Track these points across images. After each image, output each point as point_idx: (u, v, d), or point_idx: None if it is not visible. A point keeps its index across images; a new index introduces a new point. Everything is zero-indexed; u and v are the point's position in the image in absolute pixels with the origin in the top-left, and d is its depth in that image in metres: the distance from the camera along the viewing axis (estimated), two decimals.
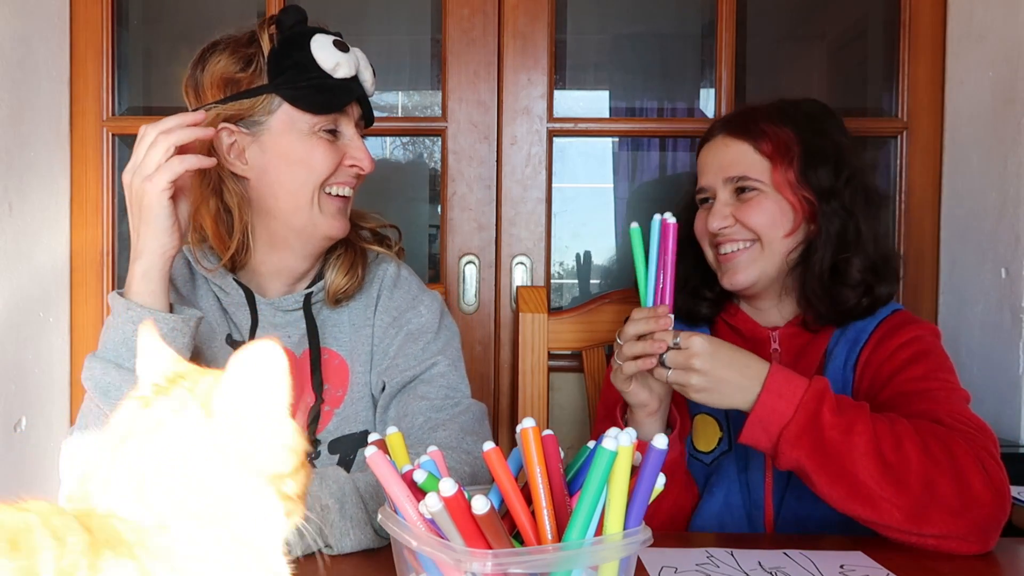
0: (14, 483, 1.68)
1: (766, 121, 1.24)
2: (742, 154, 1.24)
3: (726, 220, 1.23)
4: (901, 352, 1.17)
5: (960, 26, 1.80)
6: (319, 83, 1.13)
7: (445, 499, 0.64)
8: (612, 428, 0.68)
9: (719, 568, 0.93)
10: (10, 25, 1.65)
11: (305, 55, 1.12)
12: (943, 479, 0.99)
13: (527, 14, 1.85)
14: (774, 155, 1.22)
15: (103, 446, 0.53)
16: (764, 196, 1.22)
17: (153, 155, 1.03)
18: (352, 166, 1.17)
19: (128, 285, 1.07)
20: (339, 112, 1.15)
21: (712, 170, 1.26)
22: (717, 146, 1.27)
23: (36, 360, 1.75)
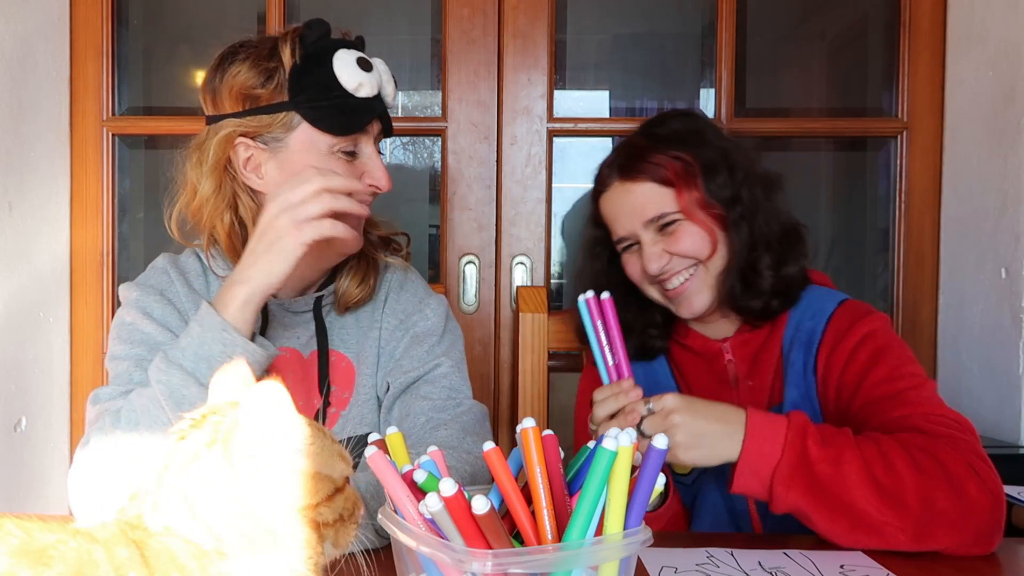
0: (14, 483, 1.68)
1: (654, 153, 1.23)
2: (648, 193, 1.22)
3: (662, 258, 1.21)
4: (859, 353, 1.16)
5: (960, 26, 1.80)
6: (341, 103, 1.10)
7: (445, 499, 0.64)
8: (612, 428, 0.68)
9: (719, 568, 0.93)
10: (10, 25, 1.65)
11: (327, 72, 1.10)
12: (940, 493, 0.97)
13: (527, 14, 1.85)
14: (676, 183, 1.20)
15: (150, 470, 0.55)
16: (684, 222, 1.21)
17: (311, 207, 1.03)
18: (370, 185, 1.16)
19: (225, 304, 1.04)
20: (360, 132, 1.14)
21: (626, 218, 1.24)
22: (619, 193, 1.24)
23: (36, 360, 1.75)
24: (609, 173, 1.26)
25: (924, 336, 1.86)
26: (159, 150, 2.00)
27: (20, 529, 0.47)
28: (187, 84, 1.99)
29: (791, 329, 1.24)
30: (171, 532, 0.52)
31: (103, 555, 0.48)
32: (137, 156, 1.95)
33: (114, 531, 0.50)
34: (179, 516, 0.52)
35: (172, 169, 1.21)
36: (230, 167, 1.14)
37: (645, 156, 1.22)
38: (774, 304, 1.23)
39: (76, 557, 0.47)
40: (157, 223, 1.96)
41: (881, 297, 1.92)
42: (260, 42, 1.14)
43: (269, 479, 0.53)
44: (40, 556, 0.46)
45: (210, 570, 0.51)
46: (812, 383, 1.21)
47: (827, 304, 1.23)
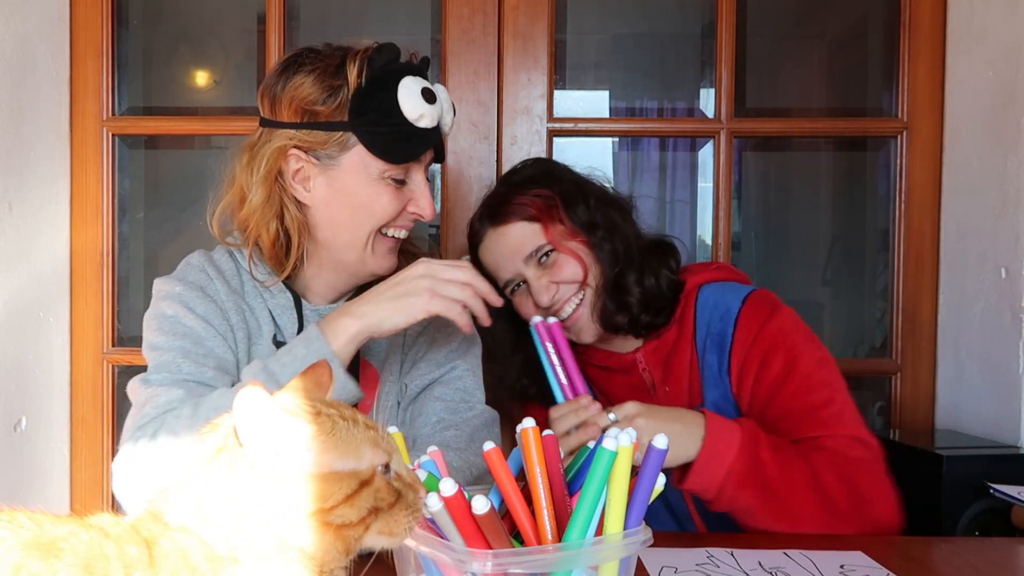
0: (14, 483, 1.68)
1: (516, 195, 1.29)
2: (520, 232, 1.27)
3: (551, 289, 1.25)
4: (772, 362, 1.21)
5: (960, 26, 1.80)
6: (399, 131, 1.11)
7: (445, 499, 0.64)
8: (612, 428, 0.68)
9: (719, 568, 0.93)
10: (10, 25, 1.65)
11: (390, 98, 1.10)
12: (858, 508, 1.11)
13: (527, 14, 1.85)
14: (541, 218, 1.26)
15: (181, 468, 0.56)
16: (556, 253, 1.27)
17: (453, 290, 1.06)
18: (414, 213, 1.17)
19: (335, 333, 1.06)
20: (413, 161, 1.14)
21: (506, 260, 1.28)
22: (494, 239, 1.29)
23: (36, 360, 1.75)
24: (480, 226, 1.32)
25: (924, 335, 1.86)
26: (159, 150, 2.00)
27: (32, 522, 0.48)
28: (187, 84, 1.99)
29: (702, 330, 1.29)
30: (189, 531, 0.52)
31: (114, 550, 0.48)
32: (137, 156, 1.95)
33: (126, 527, 0.51)
34: (193, 519, 0.53)
35: (220, 166, 1.21)
36: (280, 177, 1.14)
37: (509, 200, 1.29)
38: (643, 318, 1.27)
39: (87, 550, 0.47)
40: (157, 223, 1.97)
41: (881, 297, 1.92)
42: (328, 55, 1.13)
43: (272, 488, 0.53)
44: (51, 548, 0.46)
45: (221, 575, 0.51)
46: (728, 384, 1.25)
47: (732, 303, 1.27)
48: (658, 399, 1.29)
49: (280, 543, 0.53)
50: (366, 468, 0.56)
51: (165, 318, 1.15)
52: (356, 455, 0.56)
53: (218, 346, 1.13)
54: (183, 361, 1.10)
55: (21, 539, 0.46)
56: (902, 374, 1.86)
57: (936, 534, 1.42)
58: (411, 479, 0.60)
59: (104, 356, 1.86)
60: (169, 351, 1.11)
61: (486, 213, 1.31)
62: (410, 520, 0.58)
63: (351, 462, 0.55)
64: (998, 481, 1.39)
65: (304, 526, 0.53)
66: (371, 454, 0.57)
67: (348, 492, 0.54)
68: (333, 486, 0.54)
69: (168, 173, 2.01)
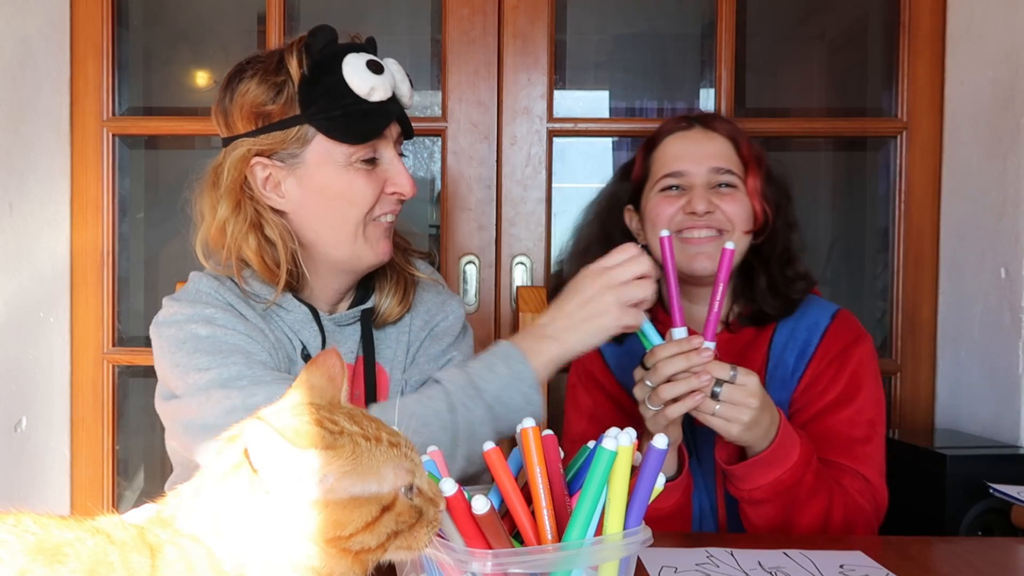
0: (14, 483, 1.68)
1: (736, 126, 1.32)
2: (726, 149, 1.29)
3: (709, 206, 1.24)
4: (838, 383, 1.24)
5: (960, 26, 1.80)
6: (354, 110, 1.06)
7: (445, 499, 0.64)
8: (612, 428, 0.68)
9: (719, 568, 0.93)
10: (10, 25, 1.65)
11: (337, 80, 1.05)
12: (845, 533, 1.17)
13: (527, 14, 1.85)
14: (750, 160, 1.28)
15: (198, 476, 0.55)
16: (740, 192, 1.27)
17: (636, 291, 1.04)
18: (394, 193, 1.12)
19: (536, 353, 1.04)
20: (377, 138, 1.09)
21: (693, 157, 1.28)
22: (697, 137, 1.30)
23: (36, 360, 1.75)
24: (688, 122, 1.32)
25: (924, 336, 1.86)
26: (159, 150, 2.01)
27: (38, 526, 0.47)
28: (187, 84, 1.99)
29: (784, 335, 1.30)
30: (199, 541, 0.51)
31: (118, 557, 0.47)
32: (137, 156, 1.95)
33: (133, 533, 0.50)
34: (207, 530, 0.51)
35: (190, 194, 1.16)
36: (247, 187, 1.09)
37: (730, 122, 1.32)
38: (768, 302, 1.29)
39: (91, 556, 0.47)
40: (157, 223, 1.97)
41: (881, 297, 1.92)
42: (267, 56, 1.10)
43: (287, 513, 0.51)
44: (55, 553, 0.46)
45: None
46: (793, 388, 1.27)
47: (821, 317, 1.30)
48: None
49: (292, 564, 0.51)
50: (388, 492, 0.53)
51: (201, 340, 1.05)
52: (378, 479, 0.53)
53: (269, 360, 1.06)
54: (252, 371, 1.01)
55: (26, 544, 0.46)
56: (902, 374, 1.86)
57: (939, 534, 1.42)
58: (432, 492, 0.58)
59: (104, 356, 1.86)
60: (228, 367, 1.02)
61: (701, 115, 1.33)
62: (430, 535, 0.57)
63: (372, 486, 0.53)
64: (999, 481, 1.39)
65: (320, 552, 0.51)
66: (393, 476, 0.54)
67: (368, 520, 0.52)
68: (352, 513, 0.51)
69: (168, 173, 2.01)
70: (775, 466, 1.11)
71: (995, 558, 1.01)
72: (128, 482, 1.95)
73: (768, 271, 1.29)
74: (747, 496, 1.14)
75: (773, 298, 1.28)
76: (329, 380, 0.60)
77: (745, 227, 1.26)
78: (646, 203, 1.31)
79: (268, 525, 0.51)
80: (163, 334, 1.08)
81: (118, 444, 1.88)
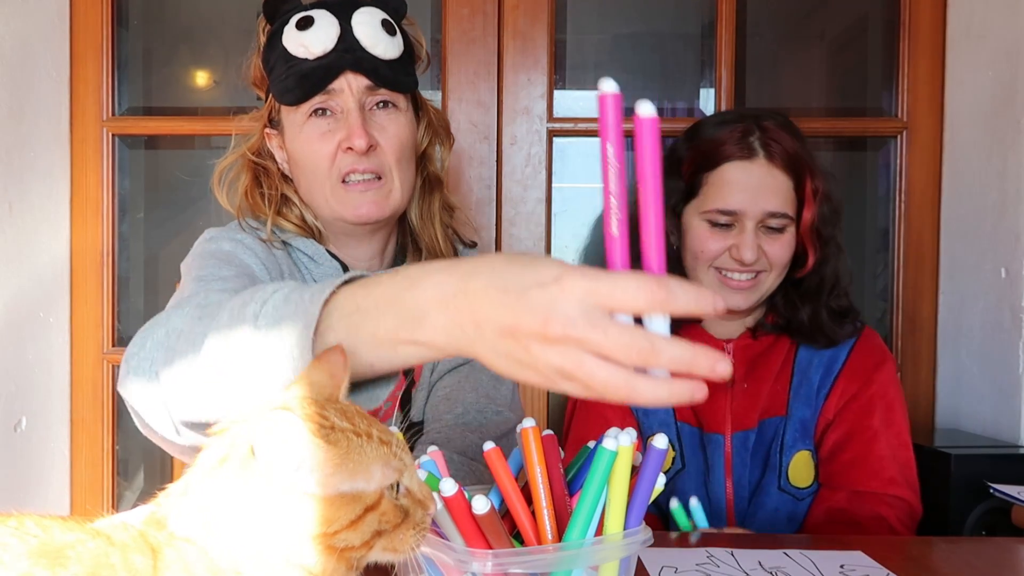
0: (14, 483, 1.68)
1: (802, 157, 1.24)
2: (786, 187, 1.23)
3: (757, 254, 1.21)
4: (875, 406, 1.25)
5: (960, 26, 1.80)
6: (296, 71, 1.05)
7: (445, 499, 0.64)
8: (612, 428, 0.68)
9: (719, 568, 0.93)
10: (10, 25, 1.65)
11: (281, 45, 1.08)
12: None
13: (527, 14, 1.85)
14: (808, 198, 1.23)
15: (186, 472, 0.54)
16: (788, 234, 1.24)
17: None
18: (348, 148, 1.06)
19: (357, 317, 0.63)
20: (321, 94, 1.06)
21: (752, 194, 1.21)
22: (760, 169, 1.22)
23: (36, 360, 1.75)
24: (752, 145, 1.23)
25: (924, 336, 1.86)
26: (159, 150, 2.00)
27: (40, 528, 0.47)
28: (187, 84, 1.99)
29: (809, 352, 1.29)
30: (193, 542, 0.51)
31: (119, 559, 0.48)
32: (137, 156, 1.95)
33: (133, 535, 0.50)
34: (197, 529, 0.51)
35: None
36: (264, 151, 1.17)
37: (796, 154, 1.23)
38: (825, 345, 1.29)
39: (92, 558, 0.47)
40: (157, 223, 1.97)
41: (881, 297, 1.92)
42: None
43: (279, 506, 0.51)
44: (57, 556, 0.46)
45: None
46: (820, 406, 1.27)
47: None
48: (735, 393, 1.28)
49: (285, 560, 0.51)
50: (373, 491, 0.53)
51: (220, 251, 1.06)
52: (365, 476, 0.53)
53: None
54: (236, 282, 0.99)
55: (28, 547, 0.46)
56: (902, 374, 1.86)
57: (943, 533, 1.42)
58: (422, 494, 0.57)
59: (104, 356, 1.86)
60: (221, 269, 1.01)
61: (764, 138, 1.23)
62: (416, 538, 0.56)
63: (360, 483, 0.52)
64: (1000, 480, 1.39)
65: (308, 547, 0.51)
66: (380, 475, 0.53)
67: (352, 518, 0.52)
68: (339, 510, 0.51)
69: (168, 173, 2.01)
70: None
71: (995, 558, 1.01)
72: (128, 482, 1.95)
73: (814, 304, 1.27)
74: None
75: (818, 335, 1.27)
76: (330, 376, 0.58)
77: (783, 271, 1.25)
78: (688, 219, 1.27)
79: (260, 520, 0.51)
80: (191, 253, 1.11)
81: (118, 444, 1.88)
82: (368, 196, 1.09)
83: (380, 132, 1.08)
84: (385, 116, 1.09)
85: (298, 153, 1.11)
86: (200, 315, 0.74)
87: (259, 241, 1.11)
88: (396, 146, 1.09)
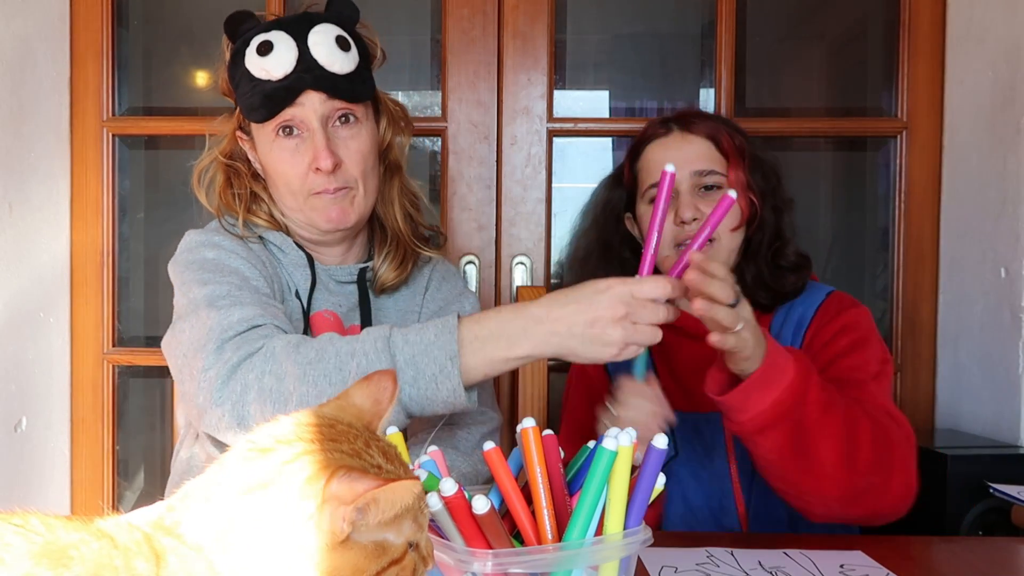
0: (14, 483, 1.68)
1: (716, 122, 1.31)
2: (706, 149, 1.28)
3: (696, 212, 1.24)
4: (840, 339, 1.22)
5: (960, 26, 1.80)
6: (259, 90, 1.12)
7: (445, 499, 0.64)
8: (612, 428, 0.68)
9: (719, 568, 0.93)
10: (10, 25, 1.65)
11: (244, 66, 1.13)
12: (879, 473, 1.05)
13: (527, 14, 1.85)
14: (731, 155, 1.28)
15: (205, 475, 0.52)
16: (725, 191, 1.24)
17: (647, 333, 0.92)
18: (317, 169, 1.13)
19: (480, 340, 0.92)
20: (286, 110, 1.11)
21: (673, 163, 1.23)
22: (676, 140, 1.29)
23: (36, 360, 1.75)
24: (666, 126, 1.31)
25: (924, 335, 1.86)
26: (159, 150, 2.00)
27: (44, 526, 0.47)
28: (187, 84, 1.99)
29: (782, 313, 1.31)
30: (202, 551, 0.49)
31: (122, 562, 0.47)
32: (137, 156, 1.95)
33: (138, 538, 0.49)
34: (213, 542, 0.49)
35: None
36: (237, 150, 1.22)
37: (708, 120, 1.30)
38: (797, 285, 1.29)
39: (95, 560, 0.46)
40: (157, 223, 1.97)
41: (881, 296, 1.92)
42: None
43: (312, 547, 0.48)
44: (60, 557, 0.45)
45: None
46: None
47: (817, 295, 1.31)
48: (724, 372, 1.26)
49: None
50: (400, 544, 0.51)
51: (207, 261, 1.12)
52: (398, 528, 0.51)
53: (263, 287, 1.11)
54: (240, 293, 1.05)
55: (31, 547, 0.45)
56: (902, 374, 1.86)
57: (940, 534, 1.42)
58: (427, 552, 0.55)
59: (104, 356, 1.86)
60: (221, 284, 1.07)
61: (679, 117, 1.31)
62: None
63: (391, 535, 0.50)
64: (1000, 480, 1.39)
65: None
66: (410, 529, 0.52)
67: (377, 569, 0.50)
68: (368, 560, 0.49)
69: (168, 173, 2.01)
70: (772, 386, 1.00)
71: (995, 558, 1.01)
72: (128, 482, 1.95)
73: (756, 263, 1.28)
74: (749, 427, 1.03)
75: (763, 291, 1.28)
76: (374, 403, 0.57)
77: (731, 226, 1.26)
78: (640, 212, 1.33)
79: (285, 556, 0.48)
80: (177, 260, 1.16)
81: (118, 444, 1.88)
82: (336, 203, 1.16)
83: (344, 149, 1.15)
84: (347, 132, 1.15)
85: (271, 168, 1.18)
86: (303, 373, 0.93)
87: (236, 239, 1.17)
88: (359, 160, 1.16)
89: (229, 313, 1.01)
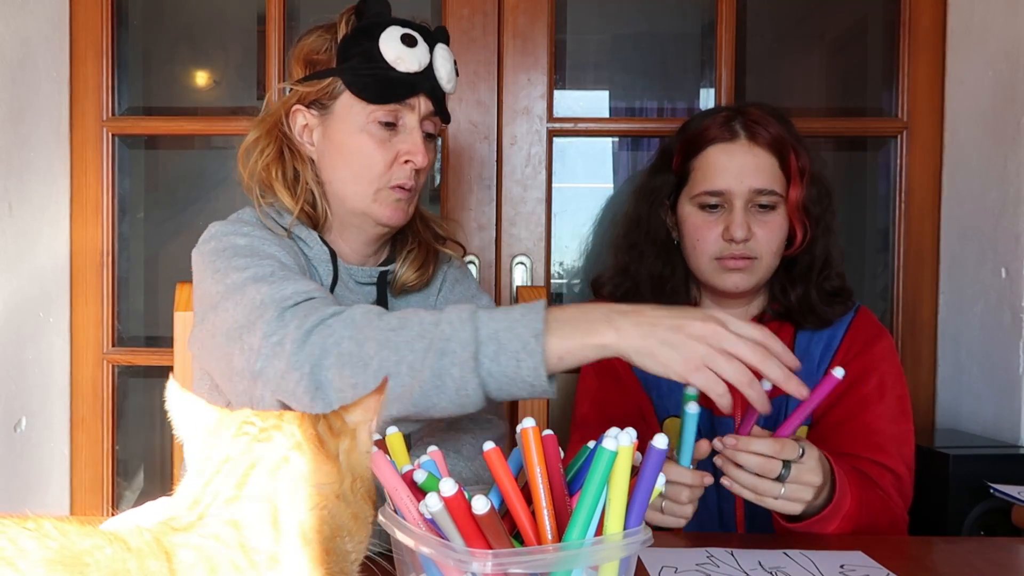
0: (14, 483, 1.68)
1: (783, 131, 1.25)
2: (770, 166, 1.23)
3: (747, 233, 1.22)
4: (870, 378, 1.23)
5: (960, 26, 1.80)
6: (382, 74, 1.13)
7: (445, 499, 0.64)
8: (612, 428, 0.68)
9: (719, 568, 0.93)
10: (10, 25, 1.65)
11: (373, 44, 1.13)
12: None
13: (527, 14, 1.85)
14: (795, 176, 1.24)
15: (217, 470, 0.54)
16: (778, 214, 1.24)
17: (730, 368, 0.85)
18: (406, 161, 1.16)
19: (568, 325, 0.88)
20: (398, 103, 1.15)
21: (738, 174, 1.22)
22: (740, 150, 1.23)
23: (36, 360, 1.75)
24: (732, 128, 1.24)
25: (924, 336, 1.86)
26: (159, 150, 2.01)
27: (58, 531, 0.47)
28: (187, 84, 1.99)
29: (807, 332, 1.30)
30: (220, 539, 0.51)
31: (135, 564, 0.47)
32: (137, 156, 1.95)
33: (148, 539, 0.50)
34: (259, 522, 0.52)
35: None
36: (285, 125, 1.19)
37: (775, 126, 1.25)
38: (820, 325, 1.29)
39: (110, 565, 0.46)
40: (157, 223, 1.97)
41: (881, 297, 1.92)
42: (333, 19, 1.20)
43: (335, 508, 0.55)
44: (76, 563, 0.45)
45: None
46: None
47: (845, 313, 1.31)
48: None
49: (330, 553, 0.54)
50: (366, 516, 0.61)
51: (240, 247, 1.10)
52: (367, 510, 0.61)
53: (297, 272, 1.09)
54: (284, 272, 1.04)
55: (46, 553, 0.45)
56: None
57: (941, 533, 1.42)
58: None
59: (104, 356, 1.86)
60: (263, 267, 1.04)
61: (747, 123, 1.24)
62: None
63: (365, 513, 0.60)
64: (1000, 480, 1.39)
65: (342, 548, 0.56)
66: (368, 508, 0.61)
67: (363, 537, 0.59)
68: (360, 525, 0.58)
69: (168, 173, 2.02)
70: (834, 519, 1.05)
71: (996, 558, 1.01)
72: (128, 482, 1.95)
73: (804, 285, 1.27)
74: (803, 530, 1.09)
75: (808, 315, 1.27)
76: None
77: (778, 252, 1.25)
78: (682, 209, 1.29)
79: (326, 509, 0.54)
80: (204, 250, 1.13)
81: (118, 444, 1.88)
82: (403, 203, 1.19)
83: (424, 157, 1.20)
84: (427, 144, 1.20)
85: (350, 149, 1.16)
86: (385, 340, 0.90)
87: (266, 229, 1.16)
88: (428, 170, 1.21)
89: (282, 286, 0.99)
